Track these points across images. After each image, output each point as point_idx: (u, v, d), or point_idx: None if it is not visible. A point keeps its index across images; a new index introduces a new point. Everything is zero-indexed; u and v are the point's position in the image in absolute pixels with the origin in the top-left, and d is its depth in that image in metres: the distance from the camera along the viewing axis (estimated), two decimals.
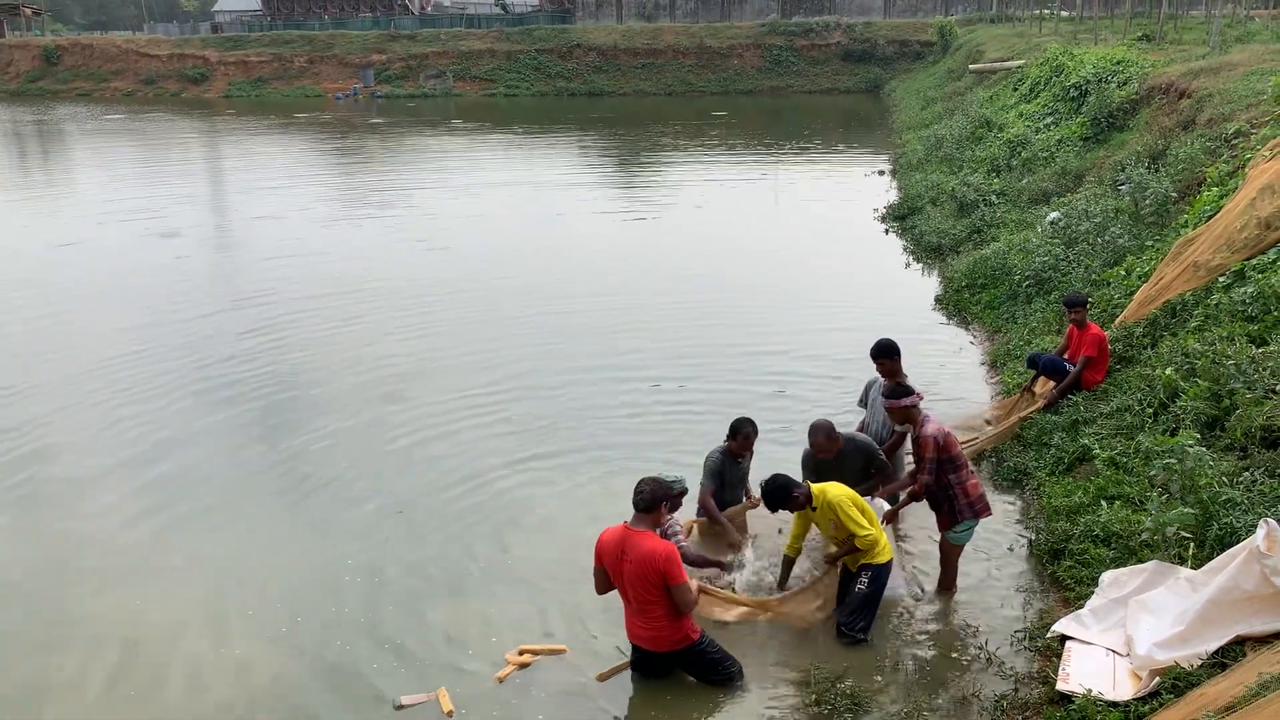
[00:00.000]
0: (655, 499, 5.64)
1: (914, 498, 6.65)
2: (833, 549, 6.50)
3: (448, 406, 10.43)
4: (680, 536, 6.69)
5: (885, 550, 6.33)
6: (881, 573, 6.31)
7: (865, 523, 6.20)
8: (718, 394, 10.38)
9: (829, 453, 6.91)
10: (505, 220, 21.37)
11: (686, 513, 7.34)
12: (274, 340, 12.87)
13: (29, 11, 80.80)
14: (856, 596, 6.29)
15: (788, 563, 6.74)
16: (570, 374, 11.34)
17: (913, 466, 7.65)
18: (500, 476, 8.81)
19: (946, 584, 6.83)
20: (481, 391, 10.85)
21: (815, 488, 6.30)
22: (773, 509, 6.53)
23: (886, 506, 6.91)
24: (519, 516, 8.15)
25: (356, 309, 14.30)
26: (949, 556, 6.81)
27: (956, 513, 6.60)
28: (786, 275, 15.84)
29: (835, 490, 6.26)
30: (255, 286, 15.75)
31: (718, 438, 7.45)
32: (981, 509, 6.65)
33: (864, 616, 6.29)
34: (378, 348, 12.47)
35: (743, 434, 7.15)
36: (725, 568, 6.85)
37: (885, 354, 7.38)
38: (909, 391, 6.68)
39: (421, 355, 12.15)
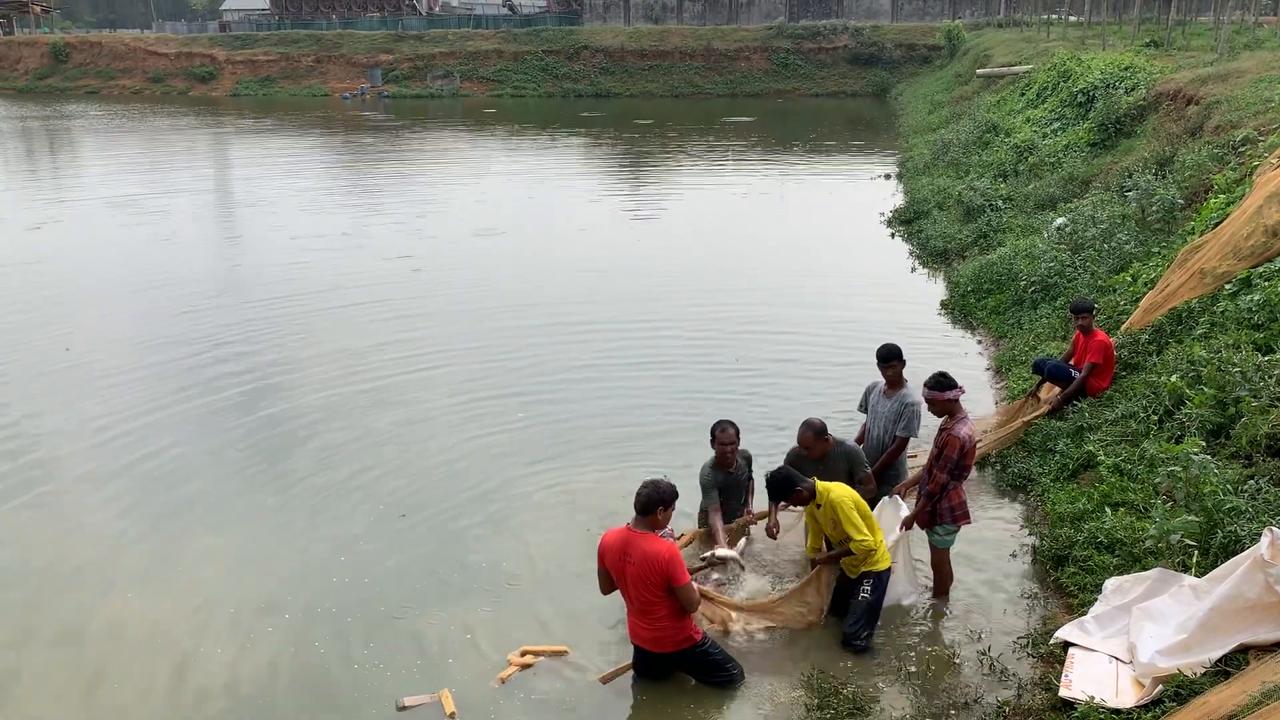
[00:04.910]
0: (650, 502, 5.64)
1: (929, 497, 6.60)
2: (822, 547, 6.49)
3: (449, 405, 10.43)
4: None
5: (884, 558, 6.32)
6: (881, 580, 6.30)
7: (865, 529, 6.16)
8: (718, 398, 10.35)
9: (815, 452, 6.86)
10: (507, 218, 21.36)
11: (687, 525, 7.35)
12: (270, 335, 12.89)
13: (38, 9, 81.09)
14: (860, 605, 6.27)
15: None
16: (571, 374, 11.35)
17: (915, 470, 7.65)
18: (503, 477, 8.81)
19: (940, 589, 6.83)
20: (483, 390, 10.84)
21: (820, 485, 6.25)
22: (775, 500, 6.58)
23: (905, 511, 6.80)
24: (521, 517, 8.14)
25: (354, 304, 14.33)
26: (937, 560, 6.81)
27: (938, 514, 6.61)
28: (791, 277, 15.81)
29: (839, 490, 6.22)
30: (249, 278, 15.77)
31: None
32: (961, 516, 6.66)
33: (868, 625, 6.29)
34: (375, 343, 12.48)
35: (713, 437, 6.99)
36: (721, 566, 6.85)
37: (893, 358, 7.36)
38: (953, 384, 6.53)
39: (421, 352, 12.14)
